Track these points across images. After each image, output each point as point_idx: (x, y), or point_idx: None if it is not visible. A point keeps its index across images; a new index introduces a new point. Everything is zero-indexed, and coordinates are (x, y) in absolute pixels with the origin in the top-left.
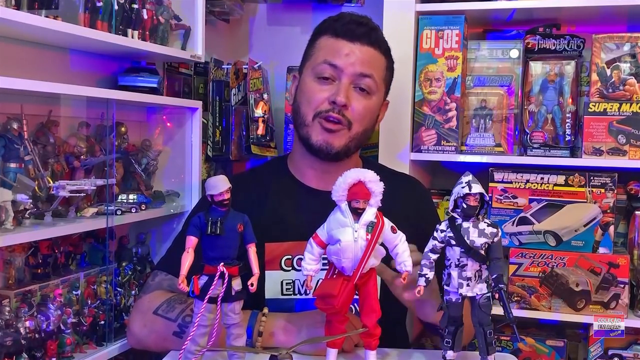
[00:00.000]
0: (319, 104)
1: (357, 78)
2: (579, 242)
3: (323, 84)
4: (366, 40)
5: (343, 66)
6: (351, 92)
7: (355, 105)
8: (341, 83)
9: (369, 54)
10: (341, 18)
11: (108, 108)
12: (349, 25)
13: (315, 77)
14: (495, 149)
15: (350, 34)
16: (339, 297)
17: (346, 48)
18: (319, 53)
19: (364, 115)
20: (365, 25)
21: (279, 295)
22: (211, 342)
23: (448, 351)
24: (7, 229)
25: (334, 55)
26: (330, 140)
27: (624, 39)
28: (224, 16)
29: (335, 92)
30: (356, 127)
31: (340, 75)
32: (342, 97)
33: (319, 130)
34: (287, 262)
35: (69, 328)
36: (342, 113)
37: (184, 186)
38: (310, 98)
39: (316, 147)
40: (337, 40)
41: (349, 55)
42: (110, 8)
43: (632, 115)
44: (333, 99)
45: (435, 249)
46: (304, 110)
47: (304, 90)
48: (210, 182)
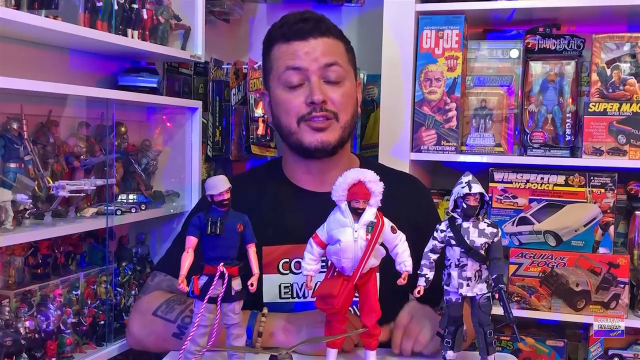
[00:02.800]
0: (298, 110)
1: (324, 71)
2: (579, 242)
3: (294, 90)
4: (317, 33)
5: (306, 65)
6: (324, 86)
7: (333, 97)
8: (311, 82)
9: (325, 44)
10: (285, 22)
11: (108, 108)
12: (296, 26)
13: (283, 86)
14: (495, 149)
15: (300, 33)
16: (339, 297)
17: (302, 47)
18: (278, 63)
19: (346, 103)
20: (311, 19)
21: (277, 298)
22: (211, 342)
23: (448, 351)
24: (7, 229)
25: (294, 58)
26: (325, 138)
27: (624, 39)
28: (224, 16)
29: (310, 92)
30: (343, 116)
31: (307, 75)
32: (318, 94)
33: (309, 132)
34: (285, 265)
35: (69, 328)
36: (324, 109)
37: (184, 186)
38: (287, 108)
39: (312, 149)
40: (290, 44)
41: (308, 53)
42: (110, 8)
43: (632, 115)
44: (310, 100)
45: (435, 249)
46: (286, 121)
47: (278, 102)
48: (210, 182)
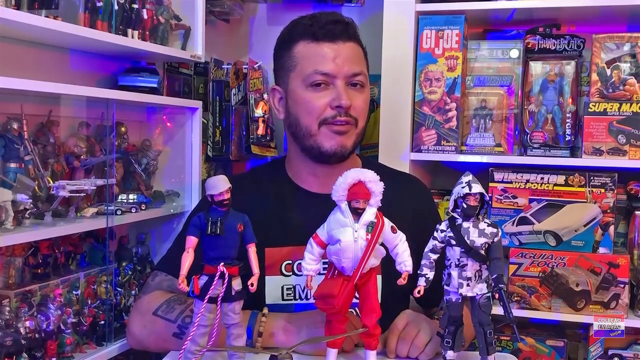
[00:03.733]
0: (321, 112)
1: (350, 77)
2: (579, 242)
3: (318, 90)
4: (346, 37)
5: (335, 72)
6: (349, 91)
7: (356, 103)
8: (337, 86)
9: (352, 50)
10: (316, 20)
11: (108, 108)
12: (327, 26)
13: (306, 86)
14: (495, 149)
15: (330, 35)
16: (339, 297)
17: (331, 51)
18: (304, 62)
19: (365, 109)
20: (341, 21)
21: (280, 300)
22: (211, 342)
23: (448, 351)
24: (7, 229)
25: (323, 62)
26: (344, 142)
27: (624, 39)
28: (224, 16)
29: (336, 96)
30: (361, 122)
31: (334, 79)
32: (346, 99)
33: (330, 135)
34: (288, 267)
35: (69, 328)
36: (347, 114)
37: (184, 186)
38: (309, 108)
39: (330, 153)
40: (320, 45)
41: (337, 58)
42: (110, 8)
43: (632, 115)
44: (337, 104)
45: (435, 249)
46: (306, 122)
47: (298, 102)
48: (210, 182)
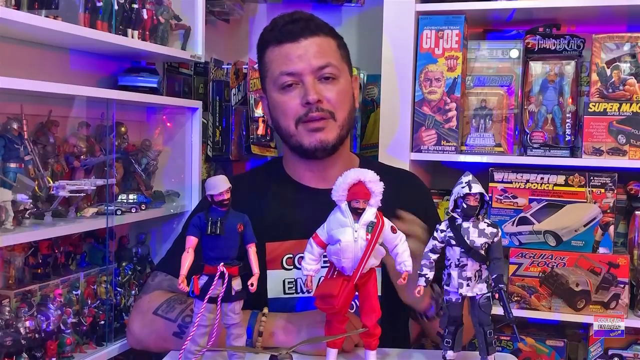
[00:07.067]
0: (295, 112)
1: (317, 72)
2: (579, 242)
3: (289, 91)
4: (308, 33)
5: (300, 69)
6: (318, 86)
7: (328, 96)
8: (305, 83)
9: (317, 44)
10: (275, 24)
11: (108, 108)
12: (286, 27)
13: (279, 89)
14: (495, 149)
15: (291, 35)
16: (339, 297)
17: (294, 50)
18: (271, 66)
19: (341, 100)
20: (300, 19)
21: (282, 294)
22: (211, 342)
23: (448, 351)
24: (7, 229)
25: (286, 62)
26: (323, 137)
27: (624, 39)
28: (224, 16)
29: (304, 93)
30: (340, 114)
31: (302, 77)
32: (313, 94)
33: (307, 133)
34: (289, 261)
35: (69, 328)
36: (320, 109)
37: (184, 186)
38: (284, 110)
39: (312, 150)
40: (282, 46)
41: (301, 55)
42: (110, 8)
43: (632, 115)
44: (305, 100)
45: (435, 249)
46: (284, 123)
47: (275, 106)
48: (210, 182)
